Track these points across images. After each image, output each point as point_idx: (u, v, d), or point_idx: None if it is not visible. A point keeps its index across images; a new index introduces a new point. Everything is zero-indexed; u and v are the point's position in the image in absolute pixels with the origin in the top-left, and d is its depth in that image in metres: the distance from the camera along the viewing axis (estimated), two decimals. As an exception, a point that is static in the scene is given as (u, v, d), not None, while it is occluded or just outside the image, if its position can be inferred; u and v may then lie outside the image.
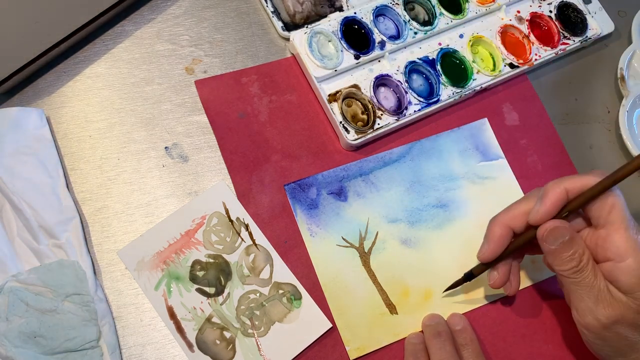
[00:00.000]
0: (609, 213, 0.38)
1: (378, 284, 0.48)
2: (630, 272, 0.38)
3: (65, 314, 0.43)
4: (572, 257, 0.39)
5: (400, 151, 0.52)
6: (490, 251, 0.43)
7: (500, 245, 0.43)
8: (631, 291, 0.38)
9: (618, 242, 0.38)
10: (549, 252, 0.40)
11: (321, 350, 0.46)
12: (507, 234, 0.42)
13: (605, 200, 0.38)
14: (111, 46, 0.52)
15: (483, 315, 0.48)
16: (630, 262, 0.38)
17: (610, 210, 0.38)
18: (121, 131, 0.49)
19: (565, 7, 0.58)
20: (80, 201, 0.47)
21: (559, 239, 0.39)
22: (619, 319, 0.38)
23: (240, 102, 0.51)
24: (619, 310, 0.38)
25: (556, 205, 0.39)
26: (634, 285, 0.38)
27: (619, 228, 0.38)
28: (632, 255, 0.38)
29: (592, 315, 0.39)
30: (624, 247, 0.38)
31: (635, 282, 0.38)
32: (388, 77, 0.52)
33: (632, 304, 0.38)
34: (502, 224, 0.42)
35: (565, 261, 0.39)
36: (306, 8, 0.53)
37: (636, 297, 0.38)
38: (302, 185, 0.50)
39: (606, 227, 0.39)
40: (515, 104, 0.55)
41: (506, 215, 0.42)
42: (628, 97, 0.56)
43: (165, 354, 0.44)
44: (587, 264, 0.39)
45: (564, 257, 0.39)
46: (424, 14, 0.56)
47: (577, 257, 0.39)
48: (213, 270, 0.46)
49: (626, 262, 0.38)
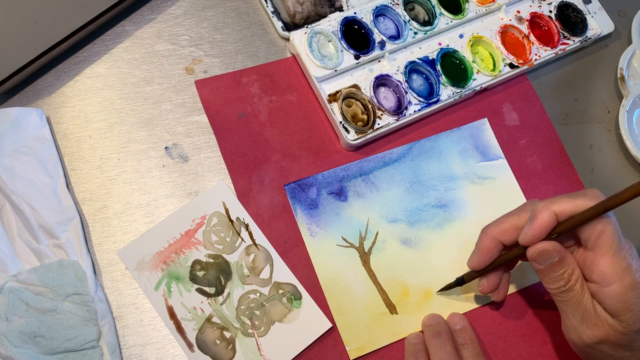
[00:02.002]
0: (597, 238, 0.38)
1: (378, 284, 0.48)
2: (615, 297, 0.38)
3: (65, 314, 0.43)
4: (560, 277, 0.39)
5: (400, 151, 0.52)
6: (478, 261, 0.44)
7: (489, 257, 0.43)
8: (617, 314, 0.38)
9: (603, 267, 0.38)
10: (538, 270, 0.40)
11: (321, 350, 0.46)
12: (497, 247, 0.43)
13: (595, 225, 0.38)
14: (111, 46, 0.52)
15: (483, 315, 0.48)
16: (614, 288, 0.38)
17: (599, 236, 0.38)
18: (121, 131, 0.50)
19: (565, 7, 0.58)
20: (80, 201, 0.47)
21: (547, 260, 0.39)
22: (603, 340, 0.39)
23: (240, 102, 0.51)
24: (603, 331, 0.39)
25: (545, 228, 0.39)
26: (619, 310, 0.38)
27: (606, 253, 0.38)
28: (616, 281, 0.38)
29: (576, 334, 0.40)
30: (609, 273, 0.38)
31: (621, 307, 0.38)
32: (388, 77, 0.52)
33: (618, 326, 0.38)
34: (491, 237, 0.43)
35: (553, 280, 0.40)
36: (306, 8, 0.53)
37: (622, 320, 0.38)
38: (302, 185, 0.50)
39: (594, 251, 0.39)
40: (515, 104, 0.55)
41: (497, 229, 0.43)
42: (628, 97, 0.56)
43: (165, 354, 0.44)
44: (575, 284, 0.39)
45: (552, 277, 0.40)
46: (424, 14, 0.56)
47: (565, 277, 0.39)
48: (213, 270, 0.46)
49: (611, 288, 0.38)
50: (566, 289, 0.39)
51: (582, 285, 0.39)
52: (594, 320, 0.39)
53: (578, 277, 0.39)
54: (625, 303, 0.38)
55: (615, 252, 0.38)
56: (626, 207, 0.40)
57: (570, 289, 0.39)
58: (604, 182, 0.54)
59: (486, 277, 0.45)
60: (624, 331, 0.38)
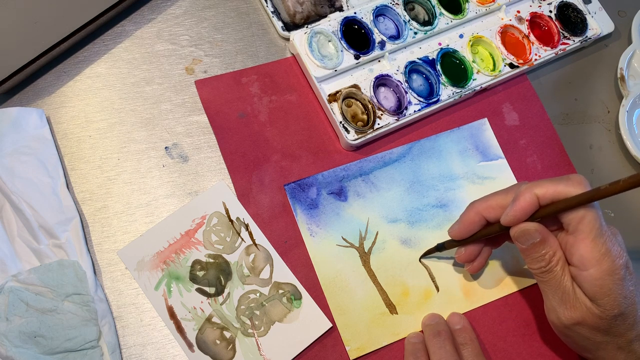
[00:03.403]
0: (578, 222, 0.39)
1: (378, 284, 0.48)
2: (592, 282, 0.39)
3: (65, 314, 0.43)
4: (542, 257, 0.40)
5: (400, 151, 0.52)
6: (458, 231, 0.45)
7: (470, 229, 0.44)
8: (594, 298, 0.39)
9: (582, 251, 0.39)
10: (520, 250, 0.41)
11: (321, 350, 0.46)
12: (479, 221, 0.44)
13: (577, 211, 0.39)
14: (111, 46, 0.52)
15: (483, 315, 0.48)
16: (592, 272, 0.39)
17: (580, 221, 0.39)
18: (121, 131, 0.50)
19: (565, 7, 0.58)
20: (80, 201, 0.47)
21: (529, 240, 0.40)
22: (580, 322, 0.40)
23: (240, 102, 0.51)
24: (581, 314, 0.40)
25: (526, 211, 0.40)
26: (596, 294, 0.39)
27: (585, 238, 0.39)
28: (594, 265, 0.38)
29: (555, 314, 0.41)
30: (588, 257, 0.39)
31: (598, 291, 0.39)
32: (388, 77, 0.52)
33: (595, 310, 0.39)
34: (476, 211, 0.44)
35: (534, 260, 0.41)
36: (306, 8, 0.53)
37: (600, 304, 0.39)
38: (302, 185, 0.50)
39: (574, 235, 0.39)
40: (515, 104, 0.55)
41: (482, 204, 0.43)
42: (628, 97, 0.56)
43: (165, 354, 0.44)
44: (556, 265, 0.40)
45: (534, 257, 0.41)
46: (424, 14, 0.56)
47: (546, 259, 0.40)
48: (213, 270, 0.46)
49: (589, 272, 0.39)
50: (547, 269, 0.40)
51: (563, 267, 0.40)
52: (573, 302, 0.40)
53: (559, 259, 0.40)
54: (602, 288, 0.38)
55: (595, 237, 0.38)
56: (626, 207, 0.40)
57: (551, 270, 0.40)
58: (604, 182, 0.53)
59: (465, 247, 0.46)
60: (602, 315, 0.39)
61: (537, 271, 0.41)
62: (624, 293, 0.39)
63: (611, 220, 0.53)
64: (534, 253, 0.40)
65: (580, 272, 0.39)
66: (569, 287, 0.40)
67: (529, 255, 0.41)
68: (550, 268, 0.40)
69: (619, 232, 0.42)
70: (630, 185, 0.36)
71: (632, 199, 0.54)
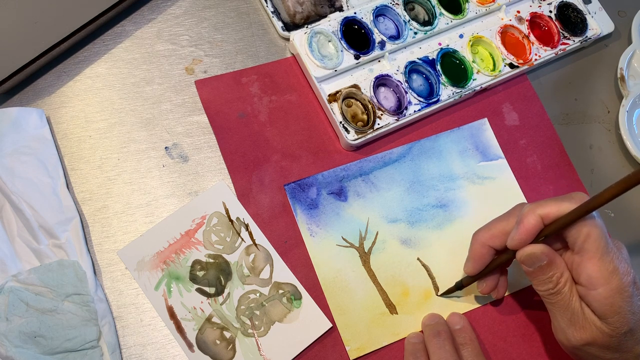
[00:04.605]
0: (584, 241, 0.38)
1: (378, 284, 0.48)
2: (602, 300, 0.38)
3: (65, 314, 0.43)
4: (549, 279, 0.40)
5: (400, 151, 0.52)
6: (472, 268, 0.45)
7: (482, 262, 0.44)
8: (604, 317, 0.38)
9: (590, 270, 0.38)
10: (527, 272, 0.41)
11: (321, 350, 0.46)
12: (488, 252, 0.44)
13: (581, 229, 0.38)
14: (111, 46, 0.52)
15: (483, 315, 0.48)
16: (601, 291, 0.38)
17: (585, 239, 0.38)
18: (121, 131, 0.50)
19: (565, 7, 0.58)
20: (80, 201, 0.47)
21: (536, 263, 0.40)
22: (591, 342, 0.39)
23: (240, 102, 0.51)
24: (590, 334, 0.39)
25: (531, 232, 0.39)
26: (606, 312, 0.38)
27: (592, 257, 0.38)
28: (603, 284, 0.38)
29: (564, 335, 0.41)
30: (596, 277, 0.38)
31: (608, 310, 0.38)
32: (388, 77, 0.52)
33: (605, 329, 0.39)
34: (481, 244, 0.43)
35: (542, 283, 0.40)
36: (306, 8, 0.53)
37: (609, 323, 0.38)
38: (302, 185, 0.50)
39: (580, 254, 0.39)
40: (515, 104, 0.55)
41: (486, 234, 0.43)
42: (628, 97, 0.56)
43: (165, 354, 0.44)
44: (564, 287, 0.40)
45: (541, 279, 0.40)
46: (424, 14, 0.56)
47: (554, 280, 0.40)
48: (213, 270, 0.46)
49: (598, 291, 0.38)
50: (554, 291, 0.40)
51: (571, 287, 0.40)
52: (582, 323, 0.39)
53: (567, 280, 0.40)
54: (612, 306, 0.38)
55: (601, 255, 0.38)
56: (626, 207, 0.40)
57: (559, 292, 0.40)
58: (604, 182, 0.54)
59: (484, 280, 0.45)
60: (612, 333, 0.38)
61: (544, 293, 0.40)
62: (632, 310, 0.38)
63: (611, 221, 0.53)
64: (541, 275, 0.40)
65: (588, 291, 0.39)
66: (578, 307, 0.39)
67: (536, 277, 0.40)
68: (558, 290, 0.40)
69: (623, 246, 0.41)
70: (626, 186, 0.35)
71: (632, 199, 0.54)
